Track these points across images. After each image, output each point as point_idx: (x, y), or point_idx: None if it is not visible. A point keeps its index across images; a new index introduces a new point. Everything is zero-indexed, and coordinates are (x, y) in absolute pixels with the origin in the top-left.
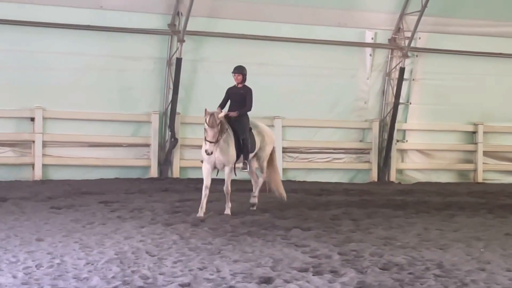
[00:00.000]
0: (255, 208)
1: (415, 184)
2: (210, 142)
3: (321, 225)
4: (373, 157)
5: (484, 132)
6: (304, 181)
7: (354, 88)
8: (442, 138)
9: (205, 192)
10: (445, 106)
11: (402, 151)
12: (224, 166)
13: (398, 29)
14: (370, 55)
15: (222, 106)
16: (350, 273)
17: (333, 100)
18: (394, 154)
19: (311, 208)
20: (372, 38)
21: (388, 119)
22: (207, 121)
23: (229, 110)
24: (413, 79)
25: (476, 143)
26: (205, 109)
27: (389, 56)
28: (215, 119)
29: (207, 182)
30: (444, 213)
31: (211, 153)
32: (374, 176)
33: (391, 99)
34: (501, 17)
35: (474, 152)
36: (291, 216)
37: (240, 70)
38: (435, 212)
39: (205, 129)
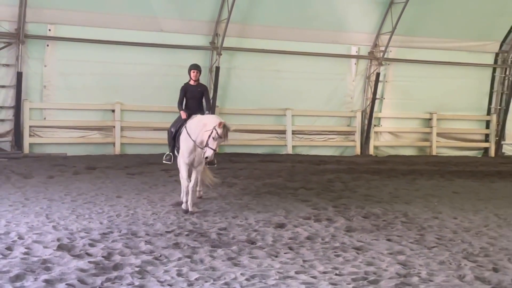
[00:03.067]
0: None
1: (387, 156)
2: (214, 150)
3: (320, 186)
4: (357, 137)
5: (437, 119)
6: (307, 155)
7: (343, 88)
8: (407, 123)
9: (186, 184)
10: (409, 100)
11: (378, 133)
12: (199, 164)
13: (375, 45)
14: (355, 64)
15: (181, 103)
16: (340, 220)
17: (328, 96)
18: (372, 135)
19: (312, 174)
20: (356, 52)
21: (368, 110)
22: (220, 133)
23: (186, 108)
24: (386, 81)
25: (431, 127)
26: (220, 122)
27: (369, 64)
28: (227, 132)
29: (186, 175)
30: (408, 177)
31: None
32: (357, 150)
33: (370, 95)
34: (450, 36)
35: (430, 133)
36: (298, 180)
37: (199, 67)
38: (402, 176)
39: (213, 138)
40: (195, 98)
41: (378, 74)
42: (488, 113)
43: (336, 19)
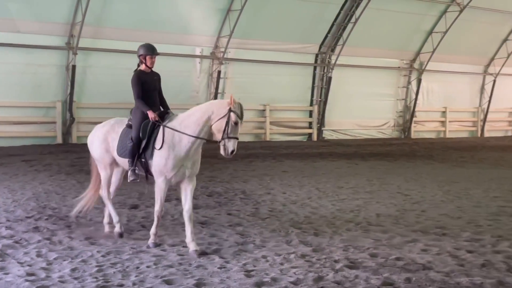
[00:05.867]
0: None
1: None
2: (237, 138)
3: None
4: None
5: (270, 110)
6: None
7: (190, 83)
8: (245, 114)
9: (160, 210)
10: (247, 94)
11: None
12: (195, 172)
13: (216, 46)
14: (199, 63)
15: (140, 97)
16: None
17: (177, 91)
18: None
19: None
20: (200, 52)
21: None
22: (239, 114)
23: (149, 103)
24: (227, 78)
25: (265, 117)
26: (231, 96)
27: (211, 63)
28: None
29: (164, 199)
30: (246, 160)
31: None
32: None
33: (213, 90)
34: (278, 39)
35: (264, 122)
36: None
37: (156, 50)
38: (241, 159)
39: (234, 122)
40: (153, 91)
41: (219, 72)
42: (311, 104)
43: (182, 23)
